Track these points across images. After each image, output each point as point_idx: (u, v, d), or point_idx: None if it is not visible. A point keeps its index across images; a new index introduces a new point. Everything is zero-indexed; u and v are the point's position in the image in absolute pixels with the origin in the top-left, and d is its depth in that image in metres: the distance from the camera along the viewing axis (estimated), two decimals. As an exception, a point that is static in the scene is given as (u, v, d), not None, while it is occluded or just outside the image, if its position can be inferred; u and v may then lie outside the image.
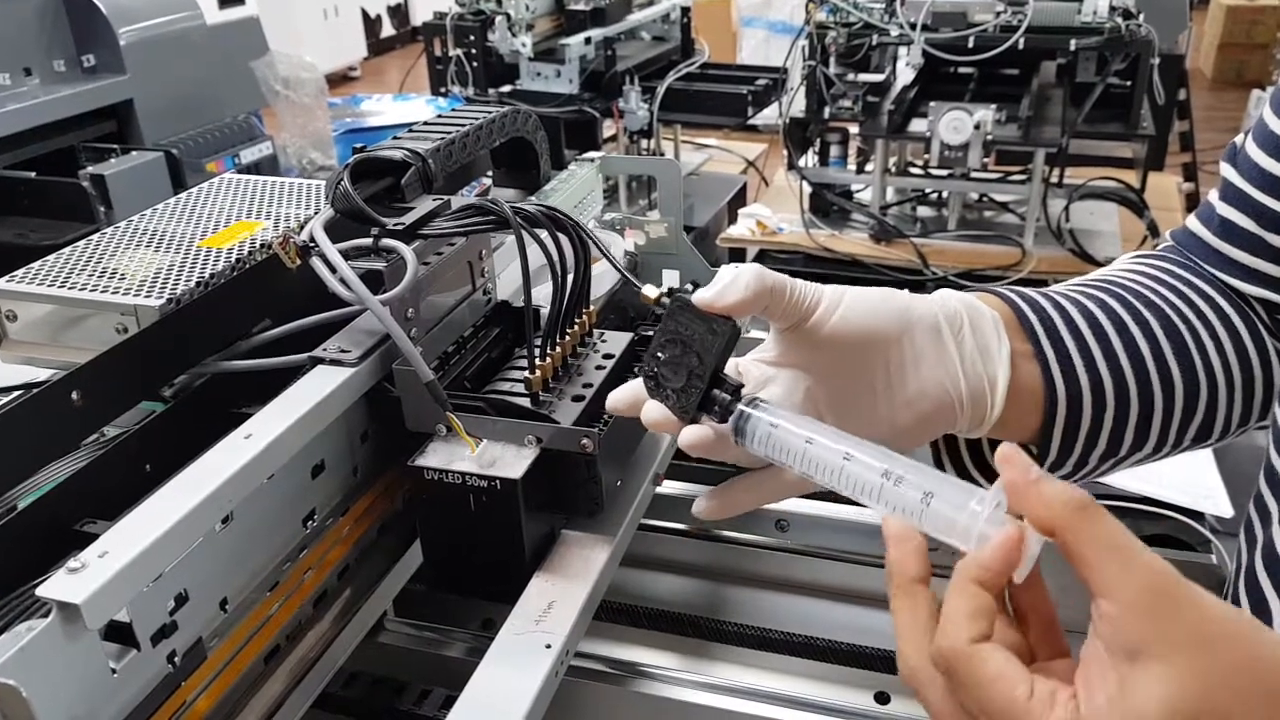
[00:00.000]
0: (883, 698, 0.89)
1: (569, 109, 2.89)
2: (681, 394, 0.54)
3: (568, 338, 0.76)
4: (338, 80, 6.91)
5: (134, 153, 2.11)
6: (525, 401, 0.73)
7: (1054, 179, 2.80)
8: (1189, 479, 1.13)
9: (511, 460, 0.68)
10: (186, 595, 0.57)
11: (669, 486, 1.03)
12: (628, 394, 0.60)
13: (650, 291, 0.58)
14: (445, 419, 0.69)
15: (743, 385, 0.54)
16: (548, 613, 0.66)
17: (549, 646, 0.63)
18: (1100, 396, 0.59)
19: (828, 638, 0.93)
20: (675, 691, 0.84)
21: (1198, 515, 1.07)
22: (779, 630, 0.94)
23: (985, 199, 2.97)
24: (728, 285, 0.53)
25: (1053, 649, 0.45)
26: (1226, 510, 1.08)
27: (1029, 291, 0.63)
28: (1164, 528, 1.06)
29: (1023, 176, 2.83)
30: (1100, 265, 0.70)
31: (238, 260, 0.79)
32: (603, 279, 0.74)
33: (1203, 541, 1.04)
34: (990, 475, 0.65)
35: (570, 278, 0.73)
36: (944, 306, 0.58)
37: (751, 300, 0.53)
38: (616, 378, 0.78)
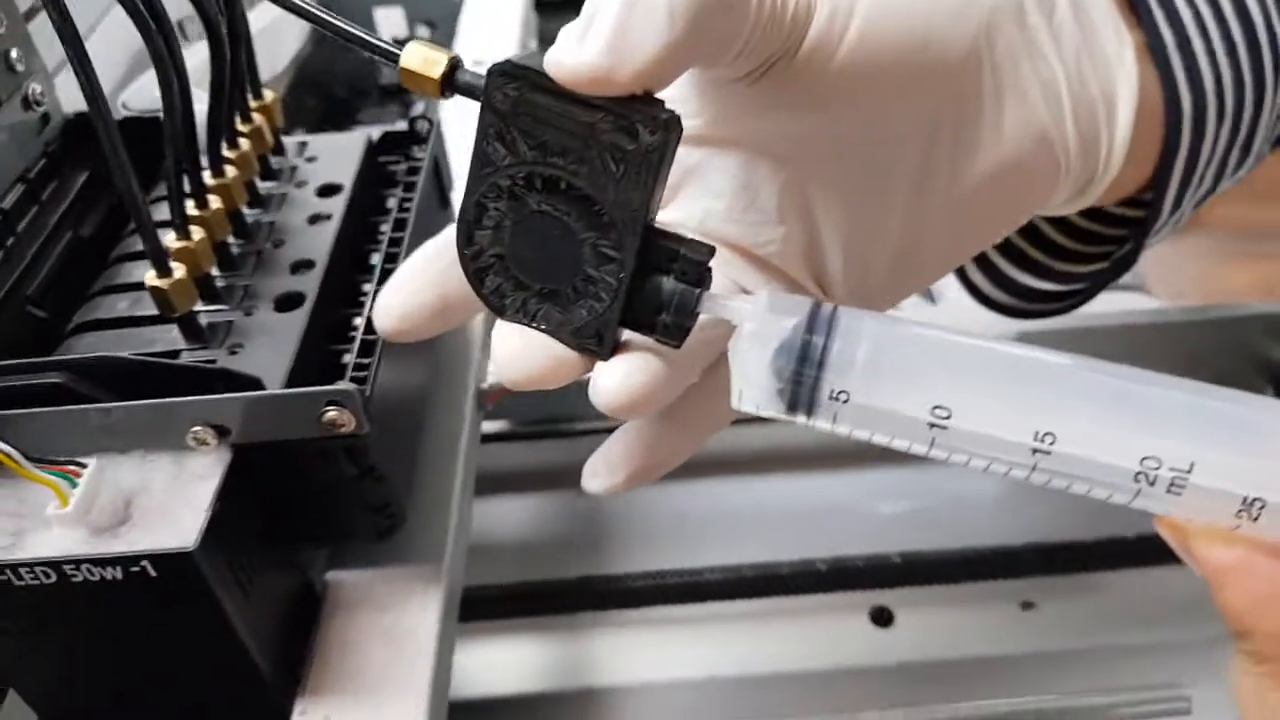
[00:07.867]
0: (883, 617, 0.58)
1: None
2: (577, 306, 0.25)
3: (233, 171, 0.35)
4: None
5: None
6: (171, 336, 0.32)
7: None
8: None
9: (168, 502, 0.29)
10: None
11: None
12: (429, 297, 0.28)
13: (424, 58, 0.23)
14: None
15: (712, 249, 0.25)
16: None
17: None
18: (1222, 109, 0.37)
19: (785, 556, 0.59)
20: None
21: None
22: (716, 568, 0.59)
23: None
24: (625, 20, 0.22)
25: None
26: None
27: None
28: None
29: None
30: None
31: None
32: (278, 29, 0.33)
33: None
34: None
35: (209, 33, 0.31)
36: None
37: (687, 44, 0.23)
38: (354, 234, 0.38)
